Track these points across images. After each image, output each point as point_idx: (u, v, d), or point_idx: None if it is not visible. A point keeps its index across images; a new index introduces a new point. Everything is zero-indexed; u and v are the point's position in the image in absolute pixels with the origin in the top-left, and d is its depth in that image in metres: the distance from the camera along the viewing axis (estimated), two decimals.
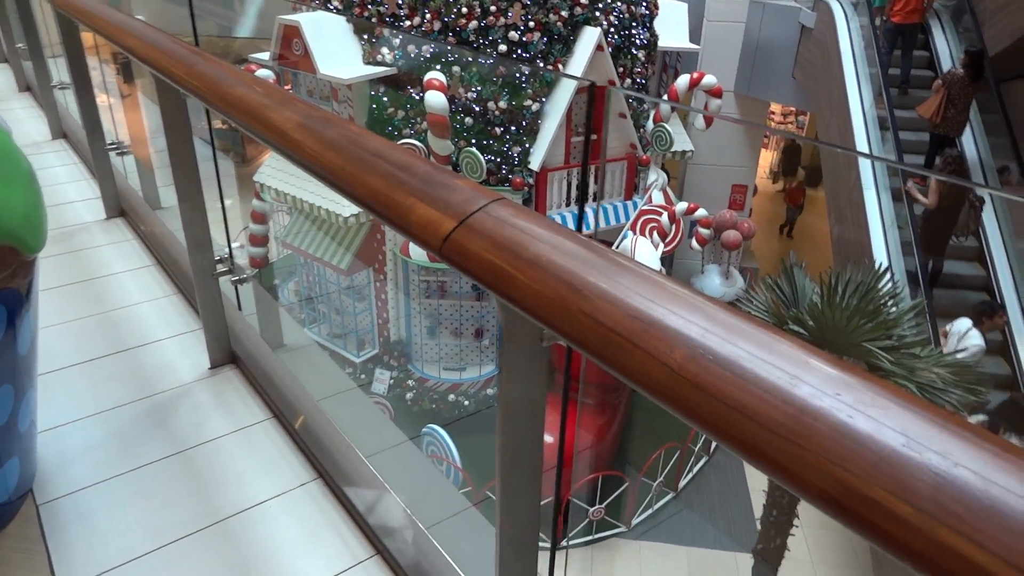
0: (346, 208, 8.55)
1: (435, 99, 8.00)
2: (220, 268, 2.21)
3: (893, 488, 0.48)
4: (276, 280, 11.98)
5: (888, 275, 5.25)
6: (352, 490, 1.82)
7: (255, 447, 2.03)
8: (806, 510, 8.75)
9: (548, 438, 5.22)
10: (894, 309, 5.13)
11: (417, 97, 8.41)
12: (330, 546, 1.72)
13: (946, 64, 8.97)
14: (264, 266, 12.19)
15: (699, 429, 0.60)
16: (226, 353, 2.29)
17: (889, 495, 0.48)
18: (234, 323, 2.32)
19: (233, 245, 9.59)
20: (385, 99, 8.68)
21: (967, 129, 8.03)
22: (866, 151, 7.96)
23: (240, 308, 2.37)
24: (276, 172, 9.35)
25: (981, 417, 6.05)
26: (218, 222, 2.41)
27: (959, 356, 6.17)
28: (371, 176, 0.84)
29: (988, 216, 7.63)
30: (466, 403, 9.30)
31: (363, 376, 9.81)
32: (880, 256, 7.14)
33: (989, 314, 6.42)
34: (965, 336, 6.30)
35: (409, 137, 8.63)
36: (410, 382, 9.57)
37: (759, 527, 5.93)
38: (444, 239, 0.76)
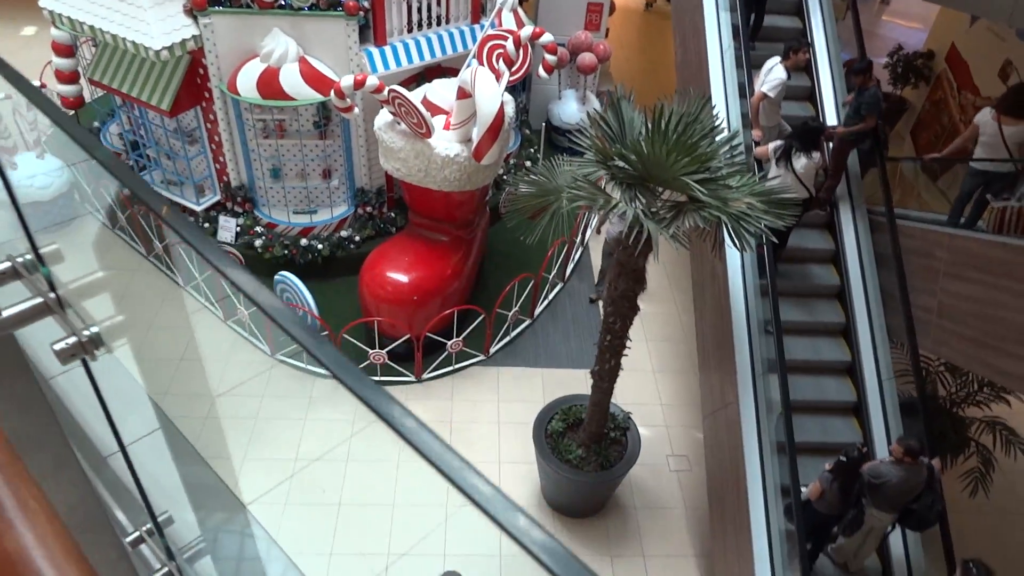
0: (156, 39, 7.55)
1: None
2: None
3: None
4: (95, 123, 10.74)
5: (711, 106, 5.27)
6: None
7: None
8: (650, 327, 9.40)
9: (403, 278, 5.26)
10: (716, 140, 5.21)
11: None
12: None
13: None
14: (79, 106, 10.86)
15: None
16: None
17: None
18: None
19: (35, 85, 8.40)
20: None
21: None
22: None
23: None
24: None
25: (779, 143, 6.90)
26: None
27: (764, 89, 7.04)
28: None
29: None
30: (320, 247, 9.04)
31: (207, 225, 9.27)
32: (716, 80, 7.19)
33: (795, 49, 7.11)
34: (771, 71, 7.10)
35: None
36: (258, 228, 9.14)
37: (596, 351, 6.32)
38: None
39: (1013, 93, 6.92)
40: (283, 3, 7.86)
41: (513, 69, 7.86)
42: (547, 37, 8.02)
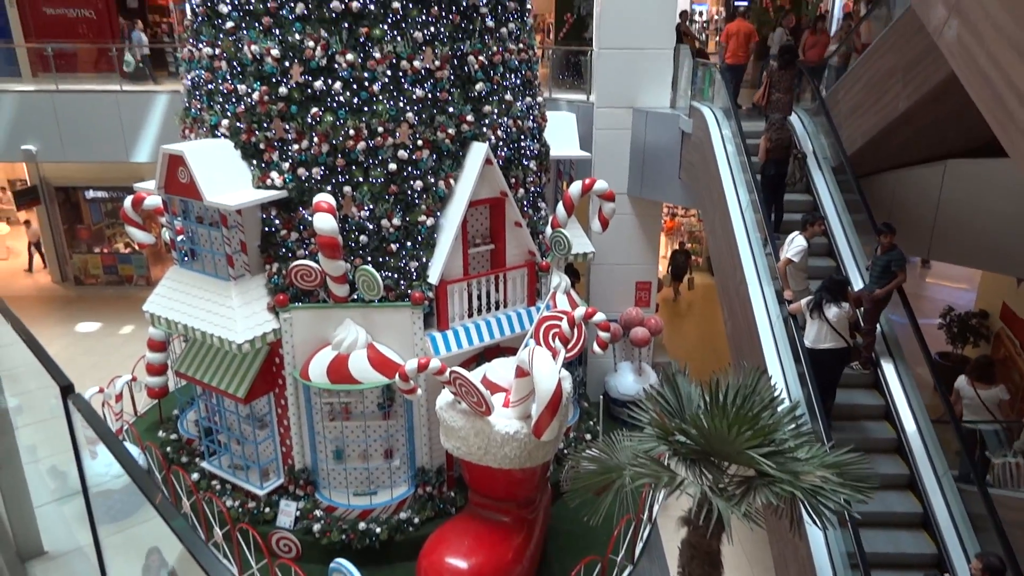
0: (240, 334, 8.24)
1: (324, 222, 7.94)
2: None
3: None
4: (175, 411, 11.35)
5: (767, 377, 5.29)
6: None
7: None
8: None
9: (462, 564, 4.95)
10: (777, 410, 5.15)
11: (309, 218, 8.34)
12: None
13: None
14: (164, 396, 11.57)
15: None
16: None
17: None
18: None
19: (126, 378, 9.16)
20: (277, 221, 8.57)
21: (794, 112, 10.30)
22: (745, 239, 8.51)
23: None
24: (165, 300, 8.99)
25: (810, 298, 7.53)
26: None
27: (789, 255, 7.94)
28: None
29: (815, 171, 9.75)
30: (378, 530, 8.79)
31: (267, 510, 9.21)
32: (768, 350, 7.30)
33: (811, 222, 8.19)
34: (793, 240, 8.04)
35: (304, 259, 8.50)
36: (317, 512, 9.03)
37: None
38: None
39: (979, 363, 8.07)
40: (355, 297, 8.62)
41: (569, 347, 8.18)
42: (599, 316, 8.46)
